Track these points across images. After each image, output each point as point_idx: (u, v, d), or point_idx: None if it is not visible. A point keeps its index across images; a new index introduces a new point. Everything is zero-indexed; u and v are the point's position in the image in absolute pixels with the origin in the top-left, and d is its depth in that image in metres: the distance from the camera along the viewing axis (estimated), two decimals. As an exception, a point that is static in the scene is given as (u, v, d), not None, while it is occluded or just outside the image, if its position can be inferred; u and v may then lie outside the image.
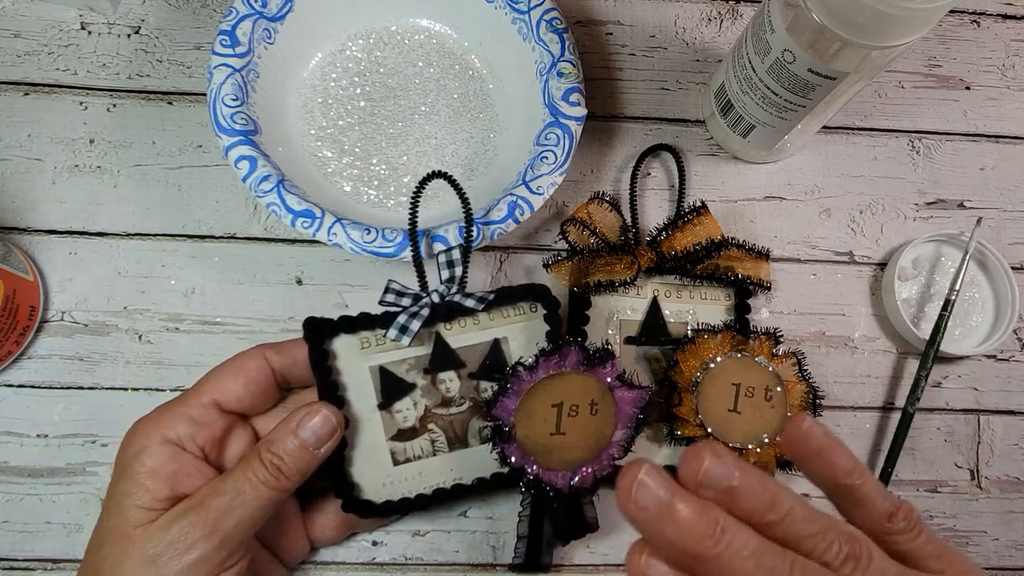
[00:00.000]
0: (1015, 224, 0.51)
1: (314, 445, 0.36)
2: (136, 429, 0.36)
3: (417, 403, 0.40)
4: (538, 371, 0.38)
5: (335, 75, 0.48)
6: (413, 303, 0.40)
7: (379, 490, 0.39)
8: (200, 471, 0.36)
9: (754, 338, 0.43)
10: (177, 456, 0.35)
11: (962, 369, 0.49)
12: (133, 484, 0.34)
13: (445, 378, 0.41)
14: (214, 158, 0.47)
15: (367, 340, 0.40)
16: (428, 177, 0.40)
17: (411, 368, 0.40)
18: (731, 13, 0.53)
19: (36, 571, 0.42)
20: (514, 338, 0.41)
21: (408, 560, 0.43)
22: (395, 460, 0.40)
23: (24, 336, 0.43)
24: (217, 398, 0.37)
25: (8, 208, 0.46)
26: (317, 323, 0.39)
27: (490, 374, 0.41)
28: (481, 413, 0.40)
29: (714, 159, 0.50)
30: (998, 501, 0.47)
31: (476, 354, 0.41)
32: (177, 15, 0.49)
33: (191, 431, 0.36)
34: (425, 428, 0.40)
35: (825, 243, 0.50)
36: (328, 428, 0.36)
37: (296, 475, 0.35)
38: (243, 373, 0.38)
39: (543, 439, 0.38)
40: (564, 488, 0.38)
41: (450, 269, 0.40)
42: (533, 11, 0.45)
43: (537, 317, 0.41)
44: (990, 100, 0.53)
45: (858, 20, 0.34)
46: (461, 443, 0.41)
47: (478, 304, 0.40)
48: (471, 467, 0.40)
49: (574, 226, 0.45)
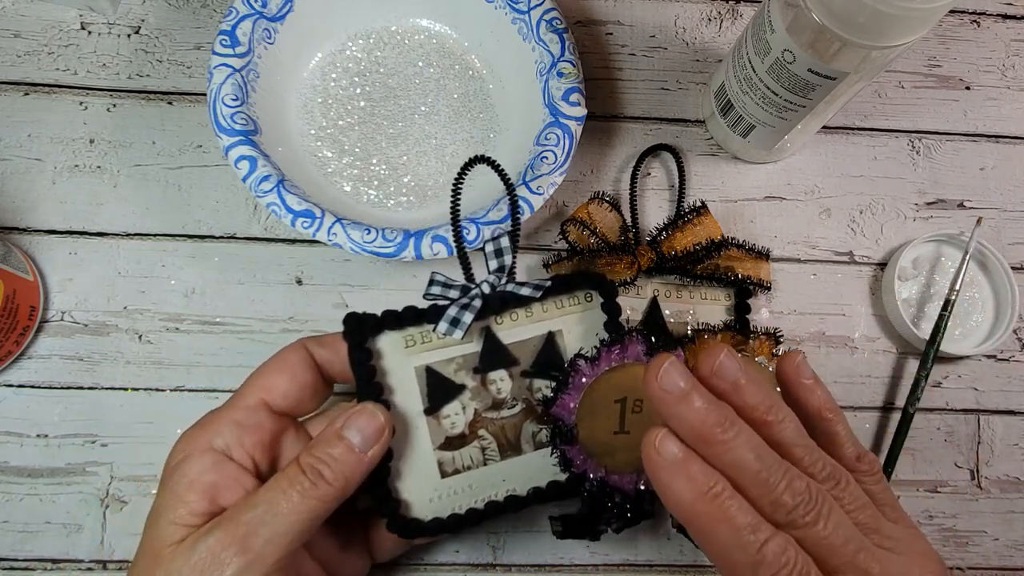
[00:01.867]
0: (1015, 224, 0.51)
1: (361, 447, 0.32)
2: (181, 438, 0.33)
3: (466, 407, 0.37)
4: (600, 364, 0.35)
5: (335, 75, 0.48)
6: (462, 295, 0.36)
7: (426, 507, 0.36)
8: (243, 483, 0.32)
9: (754, 338, 0.43)
10: (220, 465, 0.32)
11: (962, 369, 0.49)
12: (171, 497, 0.31)
13: (496, 378, 0.37)
14: (214, 158, 0.47)
15: (411, 338, 0.36)
16: (471, 161, 0.37)
17: (459, 368, 0.37)
18: (731, 13, 0.53)
19: (36, 571, 0.42)
20: (569, 330, 0.38)
21: (408, 560, 0.43)
22: (443, 472, 0.36)
23: (24, 336, 0.43)
24: (264, 396, 0.34)
25: (8, 208, 0.46)
26: (359, 319, 0.35)
27: (544, 371, 0.37)
28: (534, 416, 0.37)
29: (714, 159, 0.50)
30: (998, 501, 0.47)
31: (529, 350, 0.37)
32: (177, 15, 0.49)
33: (237, 435, 0.33)
34: (475, 435, 0.37)
35: (825, 243, 0.50)
36: (376, 427, 0.32)
37: (341, 481, 0.31)
38: (287, 367, 0.35)
39: (606, 438, 0.34)
40: (631, 491, 0.35)
41: (498, 258, 0.37)
42: (533, 11, 0.45)
43: (593, 307, 0.38)
44: (990, 100, 0.53)
45: (858, 20, 0.34)
46: (514, 450, 0.37)
47: (535, 292, 0.36)
48: (525, 476, 0.37)
49: (574, 226, 0.45)
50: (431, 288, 0.37)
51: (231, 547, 0.29)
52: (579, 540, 0.42)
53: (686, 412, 0.28)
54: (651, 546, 0.45)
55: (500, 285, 0.37)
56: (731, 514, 0.27)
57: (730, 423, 0.28)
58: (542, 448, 0.37)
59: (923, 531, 0.47)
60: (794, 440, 0.30)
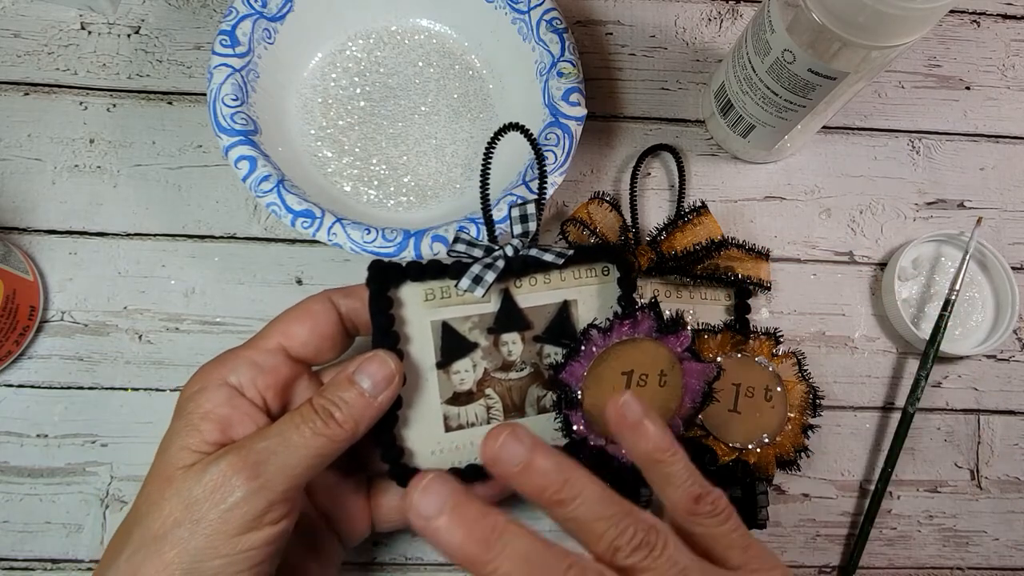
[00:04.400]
0: (1015, 224, 0.51)
1: (371, 392, 0.33)
2: (199, 371, 0.34)
3: (477, 365, 0.38)
4: (611, 335, 0.36)
5: (335, 75, 0.48)
6: (485, 255, 0.37)
7: (428, 458, 0.37)
8: (254, 419, 0.33)
9: (754, 338, 0.43)
10: (233, 400, 0.33)
11: (962, 369, 0.49)
12: (184, 424, 0.32)
13: (508, 340, 0.38)
14: (214, 158, 0.47)
15: (432, 291, 0.37)
16: (504, 128, 0.37)
17: (474, 327, 0.38)
18: (731, 13, 0.53)
19: (36, 571, 0.42)
20: (584, 301, 0.39)
21: (408, 560, 0.43)
22: (447, 426, 0.37)
23: (24, 336, 0.43)
24: (283, 342, 0.35)
25: (8, 208, 0.46)
26: (383, 267, 0.36)
27: (556, 338, 0.38)
28: (541, 381, 0.38)
29: (714, 159, 0.50)
30: (998, 501, 0.47)
31: (543, 316, 0.38)
32: (177, 15, 0.49)
33: (252, 375, 0.34)
34: (482, 393, 0.38)
35: (825, 243, 0.50)
36: (386, 373, 0.33)
37: (350, 423, 0.32)
38: (309, 316, 0.36)
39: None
40: (627, 462, 0.36)
41: (523, 224, 0.38)
42: (533, 11, 0.45)
43: (610, 281, 0.39)
44: (990, 100, 0.53)
45: (858, 20, 0.34)
46: (518, 411, 0.38)
47: (557, 258, 0.37)
48: None
49: (574, 226, 0.45)
50: (456, 245, 0.37)
51: (242, 472, 0.30)
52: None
53: (443, 540, 0.26)
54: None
55: (523, 249, 0.37)
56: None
57: (498, 534, 0.26)
58: (545, 413, 0.38)
59: (922, 531, 0.47)
60: (595, 515, 0.27)
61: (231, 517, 0.30)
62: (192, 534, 0.30)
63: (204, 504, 0.30)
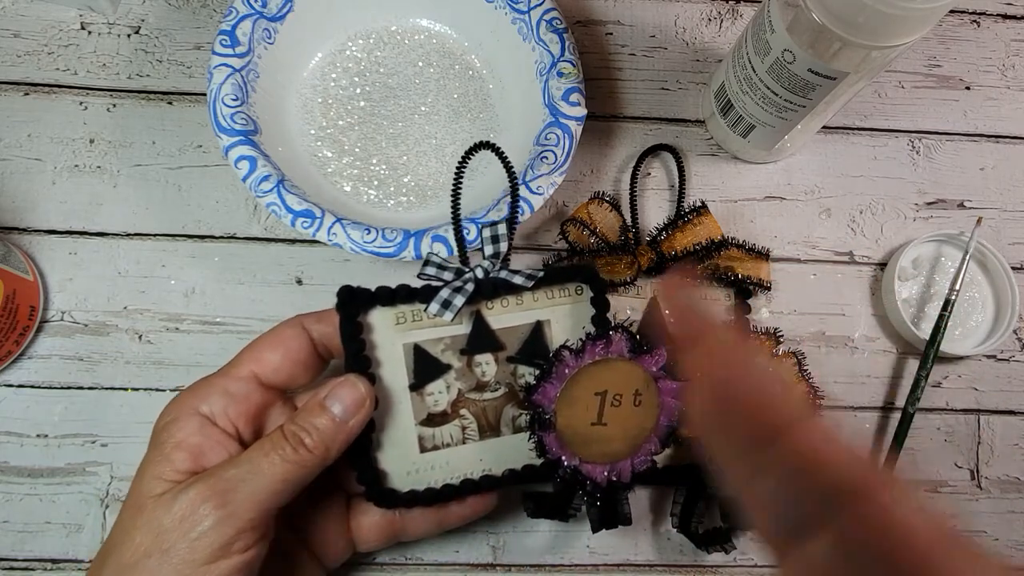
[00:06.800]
0: (1015, 224, 0.51)
1: (342, 416, 0.33)
2: (172, 401, 0.35)
3: (450, 386, 0.38)
4: (584, 356, 0.36)
5: (335, 75, 0.48)
6: (456, 278, 0.37)
7: (403, 479, 0.37)
8: (226, 447, 0.33)
9: (754, 338, 0.43)
10: (205, 429, 0.33)
11: (962, 369, 0.49)
12: (158, 454, 0.33)
13: (482, 361, 0.38)
14: (214, 158, 0.47)
15: (403, 315, 0.37)
16: (475, 147, 0.38)
17: (447, 348, 0.38)
18: (731, 13, 0.53)
19: (36, 571, 0.42)
20: (557, 321, 0.39)
21: (408, 560, 0.43)
22: (423, 447, 0.37)
23: (24, 336, 0.43)
24: (255, 369, 0.35)
25: (8, 208, 0.46)
26: (352, 292, 0.36)
27: (529, 359, 0.38)
28: (516, 400, 0.38)
29: (714, 159, 0.50)
30: (998, 501, 0.47)
31: (516, 336, 0.38)
32: (177, 15, 0.49)
33: (224, 404, 0.34)
34: (456, 413, 0.38)
35: (825, 243, 0.50)
36: (356, 398, 0.34)
37: (321, 449, 0.32)
38: (282, 343, 0.36)
39: (583, 429, 0.36)
40: (602, 482, 0.36)
41: (494, 244, 0.38)
42: (533, 11, 0.45)
43: (583, 301, 0.39)
44: (990, 100, 0.53)
45: (858, 20, 0.34)
46: (493, 431, 0.38)
47: (527, 281, 0.37)
48: (502, 458, 0.38)
49: (574, 226, 0.45)
50: (426, 268, 0.37)
51: (210, 500, 0.30)
52: (577, 531, 0.42)
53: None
54: (651, 546, 0.45)
55: (494, 271, 0.38)
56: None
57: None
58: (520, 432, 0.38)
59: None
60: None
61: (199, 546, 0.30)
62: (161, 564, 0.30)
63: (173, 533, 0.30)
